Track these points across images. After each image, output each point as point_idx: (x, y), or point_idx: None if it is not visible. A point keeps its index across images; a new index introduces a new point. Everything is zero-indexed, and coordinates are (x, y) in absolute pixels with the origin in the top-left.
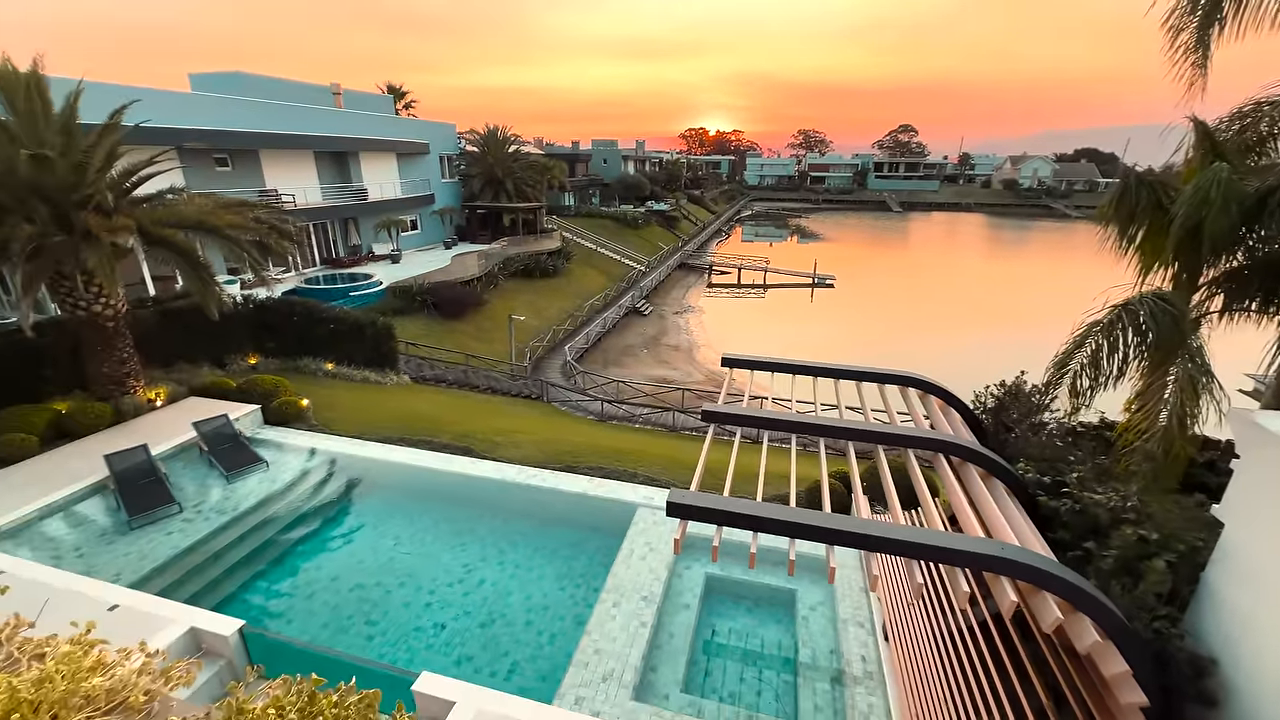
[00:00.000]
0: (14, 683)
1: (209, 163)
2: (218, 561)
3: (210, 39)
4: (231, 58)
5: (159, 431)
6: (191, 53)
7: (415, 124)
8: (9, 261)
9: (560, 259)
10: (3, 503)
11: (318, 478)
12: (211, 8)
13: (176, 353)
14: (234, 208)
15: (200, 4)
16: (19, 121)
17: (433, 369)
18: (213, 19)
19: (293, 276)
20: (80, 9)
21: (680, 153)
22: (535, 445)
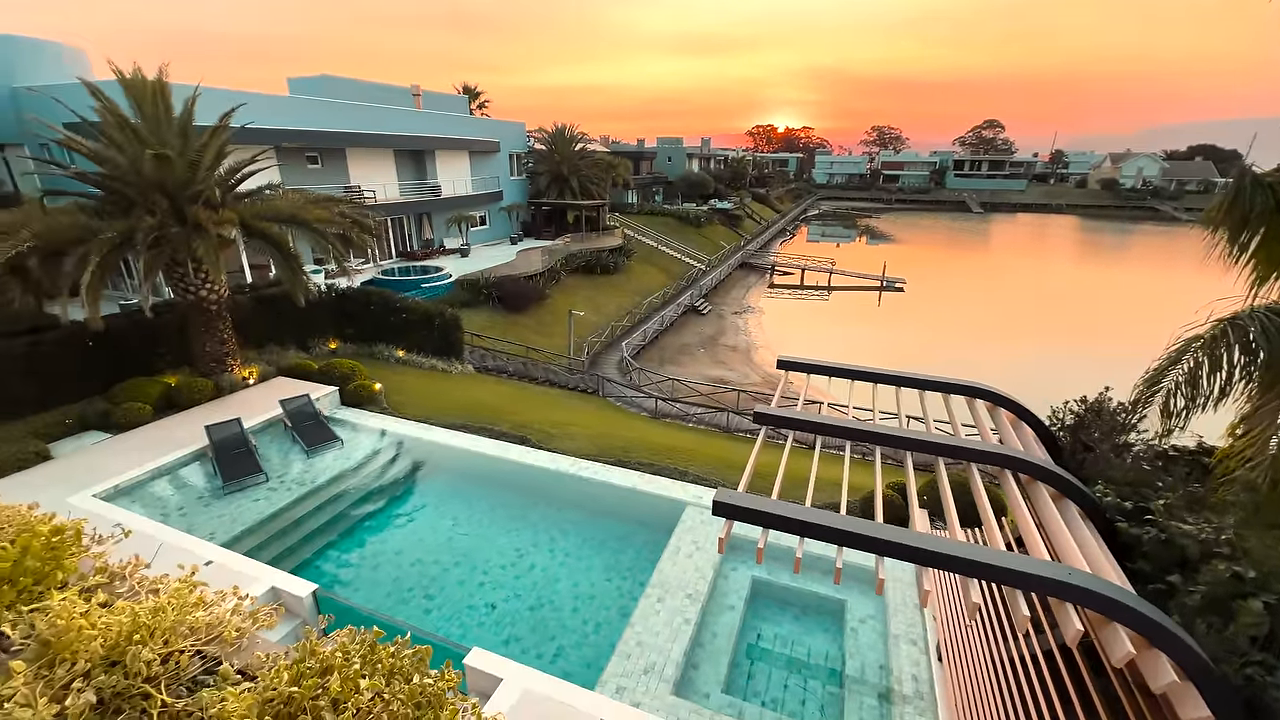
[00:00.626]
0: (136, 609)
1: (301, 160)
2: (296, 529)
3: (303, 45)
4: (324, 61)
5: (250, 407)
6: (288, 57)
7: (487, 123)
8: (134, 249)
9: (621, 256)
10: (122, 464)
11: (386, 458)
12: (305, 17)
13: (267, 335)
14: (322, 203)
15: (295, 14)
16: (145, 124)
17: (495, 360)
18: (306, 27)
19: (371, 268)
20: (194, 22)
21: (746, 150)
22: (589, 438)
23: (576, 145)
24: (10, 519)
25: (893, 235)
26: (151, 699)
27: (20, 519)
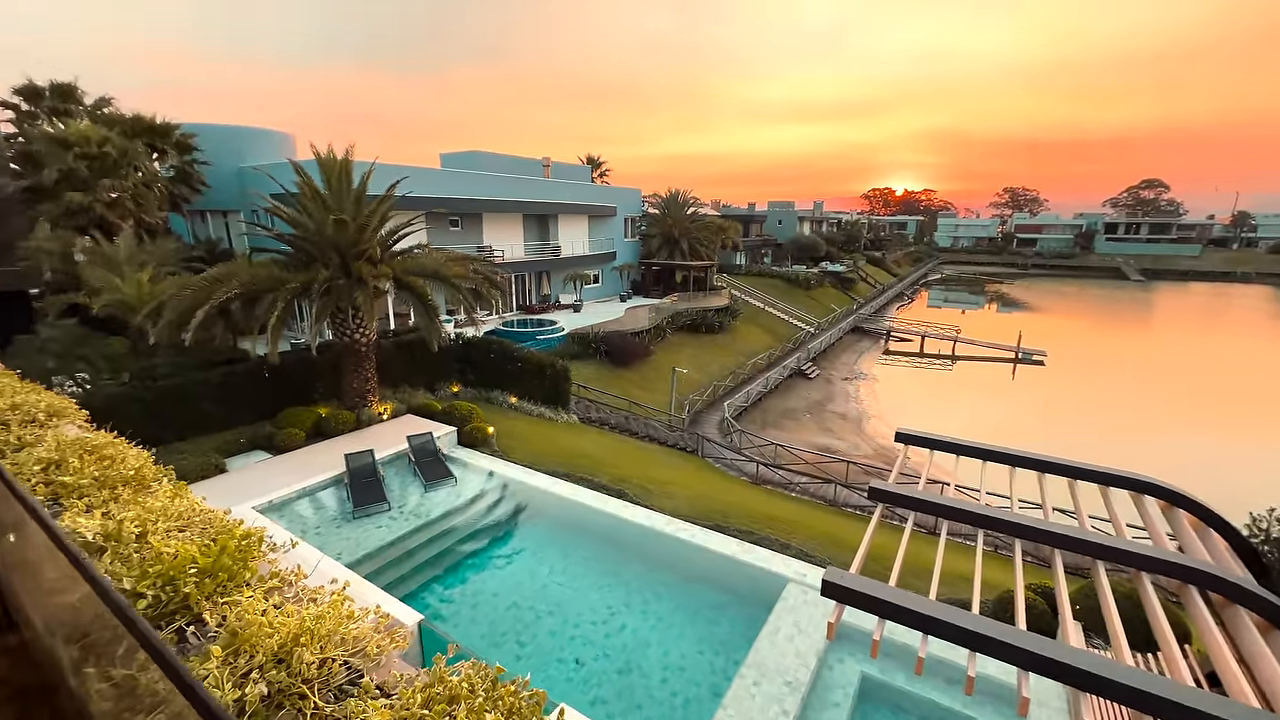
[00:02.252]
0: (302, 614)
1: (445, 223)
2: (409, 559)
3: (460, 123)
4: (474, 137)
5: (382, 440)
6: (446, 134)
7: (606, 190)
8: (309, 297)
9: (727, 316)
10: (277, 482)
11: (492, 499)
12: (462, 101)
13: (402, 377)
14: (459, 261)
15: (456, 98)
16: (331, 194)
17: (598, 411)
18: (463, 110)
19: (494, 319)
20: (378, 109)
21: (862, 213)
22: (686, 499)
23: (688, 209)
24: (211, 521)
25: (1028, 303)
26: (307, 699)
27: (219, 522)
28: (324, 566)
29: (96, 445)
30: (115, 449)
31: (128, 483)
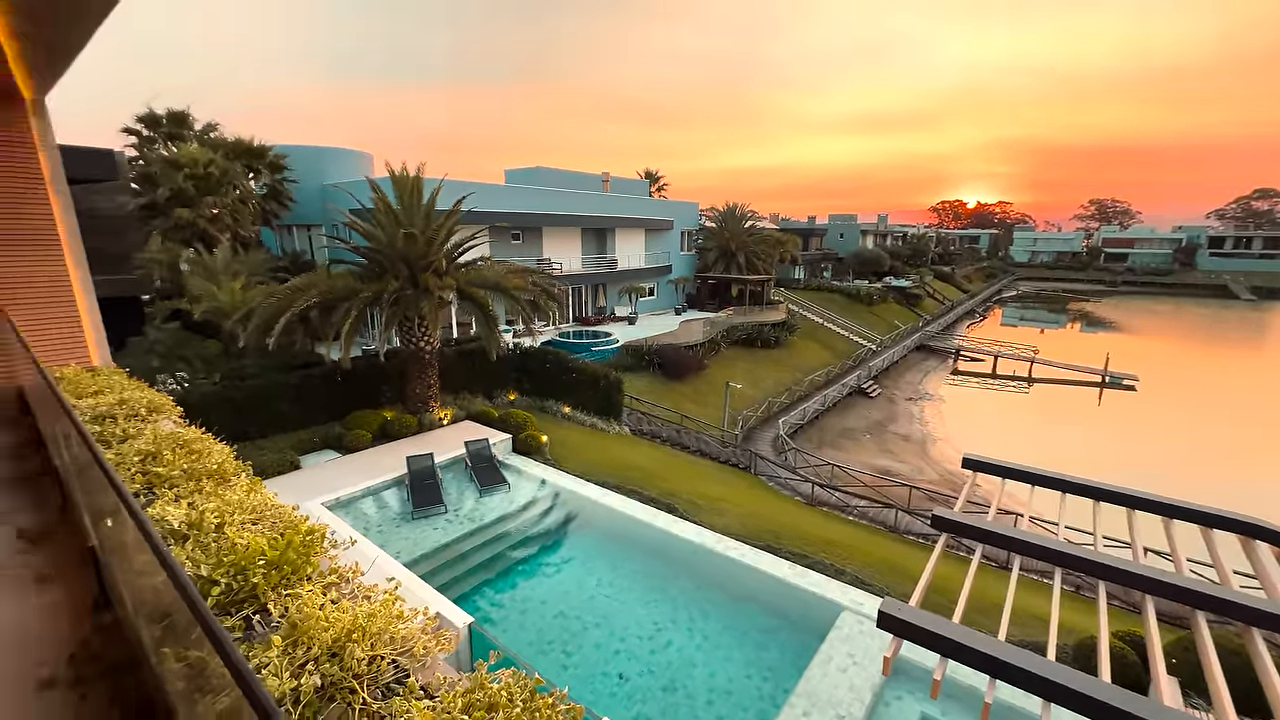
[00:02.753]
0: (356, 611)
1: (506, 237)
2: (462, 562)
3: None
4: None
5: (442, 444)
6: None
7: (664, 204)
8: (379, 306)
9: (783, 331)
10: (344, 480)
11: (543, 507)
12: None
13: (462, 384)
14: (519, 273)
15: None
16: (403, 210)
17: (650, 424)
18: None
19: (551, 330)
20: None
21: (929, 226)
22: (737, 517)
23: (745, 222)
24: (280, 516)
25: (1117, 322)
26: (356, 694)
27: (287, 517)
28: (382, 564)
29: (187, 440)
30: (203, 444)
31: (211, 476)
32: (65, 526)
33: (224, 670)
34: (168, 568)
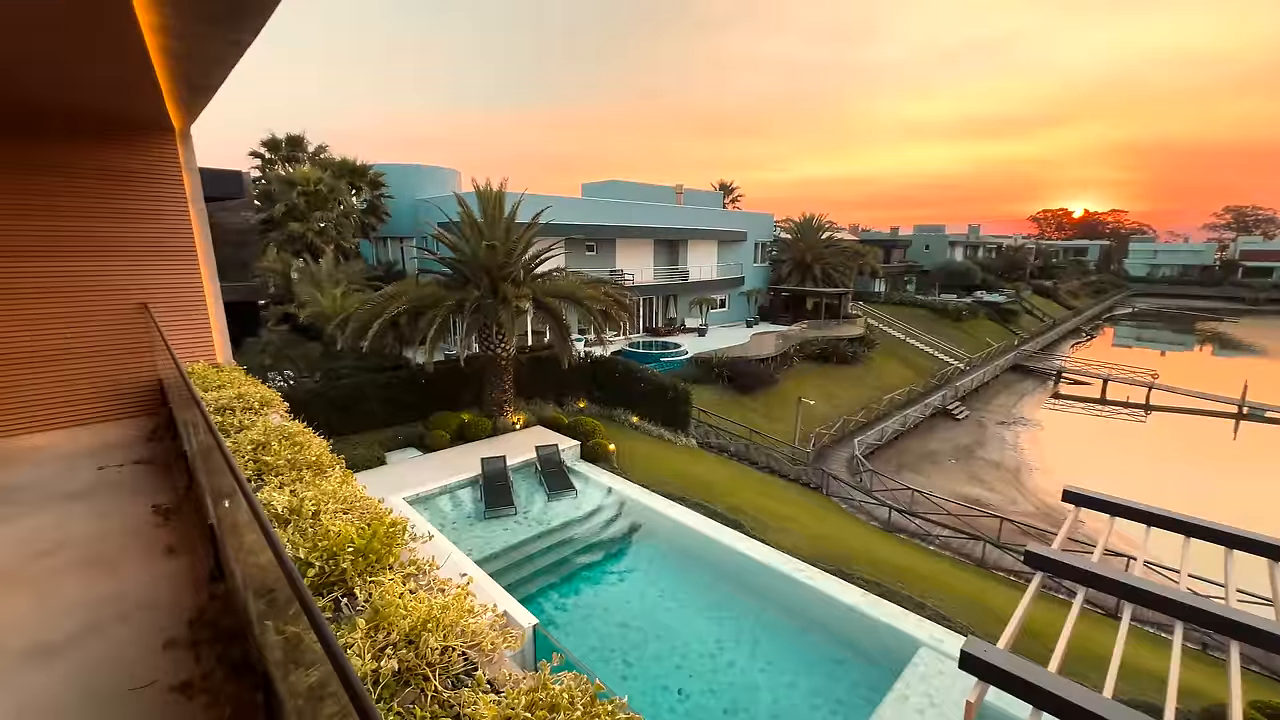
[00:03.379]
0: (431, 602)
1: (581, 248)
2: (529, 563)
3: (601, 156)
4: (615, 166)
5: (514, 448)
6: (588, 165)
7: (737, 215)
8: (461, 313)
9: (861, 346)
10: (424, 477)
11: (609, 515)
12: (603, 137)
13: (535, 390)
14: (592, 284)
15: (598, 136)
16: (485, 222)
17: (718, 437)
18: (606, 143)
19: (621, 340)
20: (535, 145)
21: (1028, 237)
22: (807, 538)
23: (823, 234)
24: (367, 507)
25: (1260, 346)
26: (429, 682)
27: (374, 509)
28: (455, 559)
29: (291, 433)
30: (304, 437)
31: (310, 467)
32: (190, 504)
33: (315, 647)
34: (274, 548)
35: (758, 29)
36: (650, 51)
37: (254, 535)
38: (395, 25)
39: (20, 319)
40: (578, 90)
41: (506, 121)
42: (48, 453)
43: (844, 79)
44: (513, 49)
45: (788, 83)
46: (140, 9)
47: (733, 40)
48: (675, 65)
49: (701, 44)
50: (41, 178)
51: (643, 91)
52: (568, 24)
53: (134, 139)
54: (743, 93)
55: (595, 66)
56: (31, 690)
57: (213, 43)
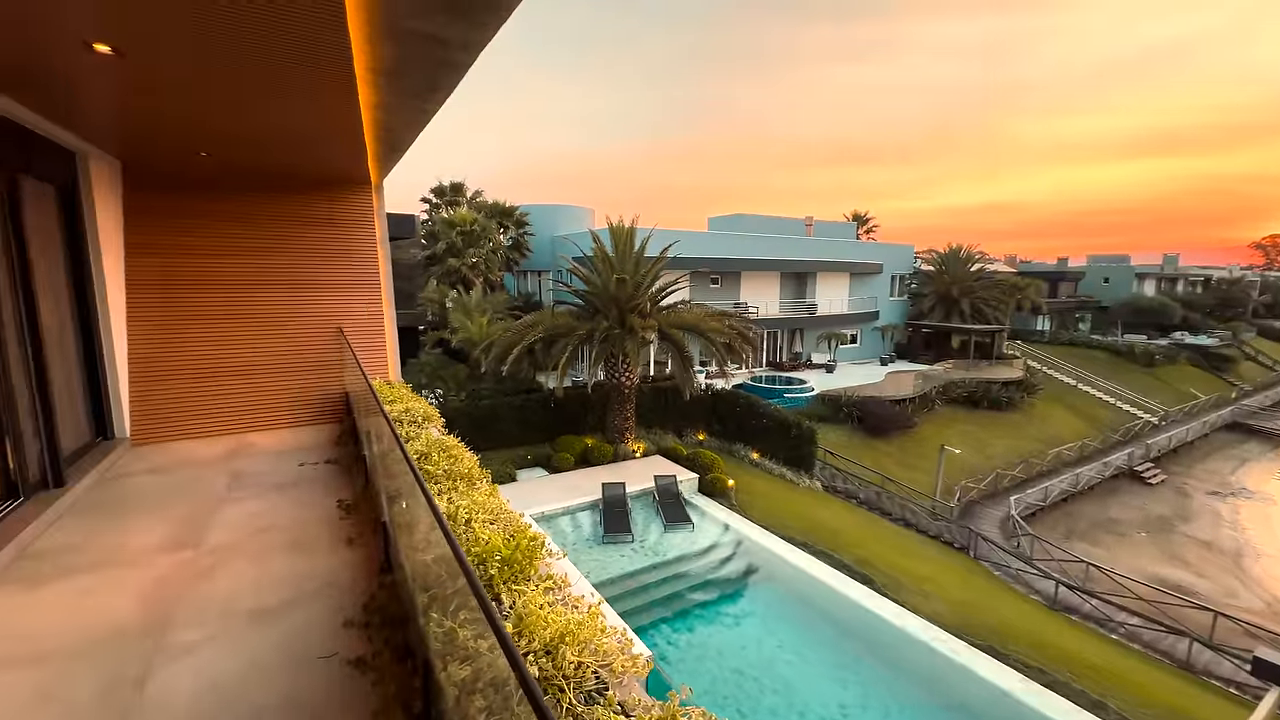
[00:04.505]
0: (568, 617)
1: (705, 281)
2: (643, 593)
3: (728, 189)
4: (742, 200)
5: (633, 475)
6: (716, 199)
7: (871, 247)
8: (590, 342)
9: (1020, 391)
10: (549, 497)
11: (725, 553)
12: (730, 170)
13: (655, 420)
14: (716, 316)
15: (725, 169)
16: (616, 257)
17: (845, 482)
18: (732, 177)
19: (743, 373)
20: (665, 179)
21: (1251, 268)
22: (949, 604)
23: (972, 265)
24: (510, 520)
25: None
26: (564, 694)
27: (516, 522)
28: (575, 579)
29: (448, 445)
30: (458, 450)
31: (463, 478)
32: (366, 502)
33: (468, 644)
34: (453, 548)
35: (893, 52)
36: (779, 84)
37: (419, 534)
38: (534, 76)
39: (250, 339)
40: (705, 124)
41: (639, 158)
42: (264, 449)
43: (990, 99)
44: (645, 87)
45: (927, 106)
46: (363, 89)
47: (865, 69)
48: (805, 96)
49: (832, 72)
50: (272, 225)
51: (771, 124)
52: (696, 63)
53: (341, 192)
54: (879, 119)
55: (724, 100)
56: (256, 648)
57: (410, 112)
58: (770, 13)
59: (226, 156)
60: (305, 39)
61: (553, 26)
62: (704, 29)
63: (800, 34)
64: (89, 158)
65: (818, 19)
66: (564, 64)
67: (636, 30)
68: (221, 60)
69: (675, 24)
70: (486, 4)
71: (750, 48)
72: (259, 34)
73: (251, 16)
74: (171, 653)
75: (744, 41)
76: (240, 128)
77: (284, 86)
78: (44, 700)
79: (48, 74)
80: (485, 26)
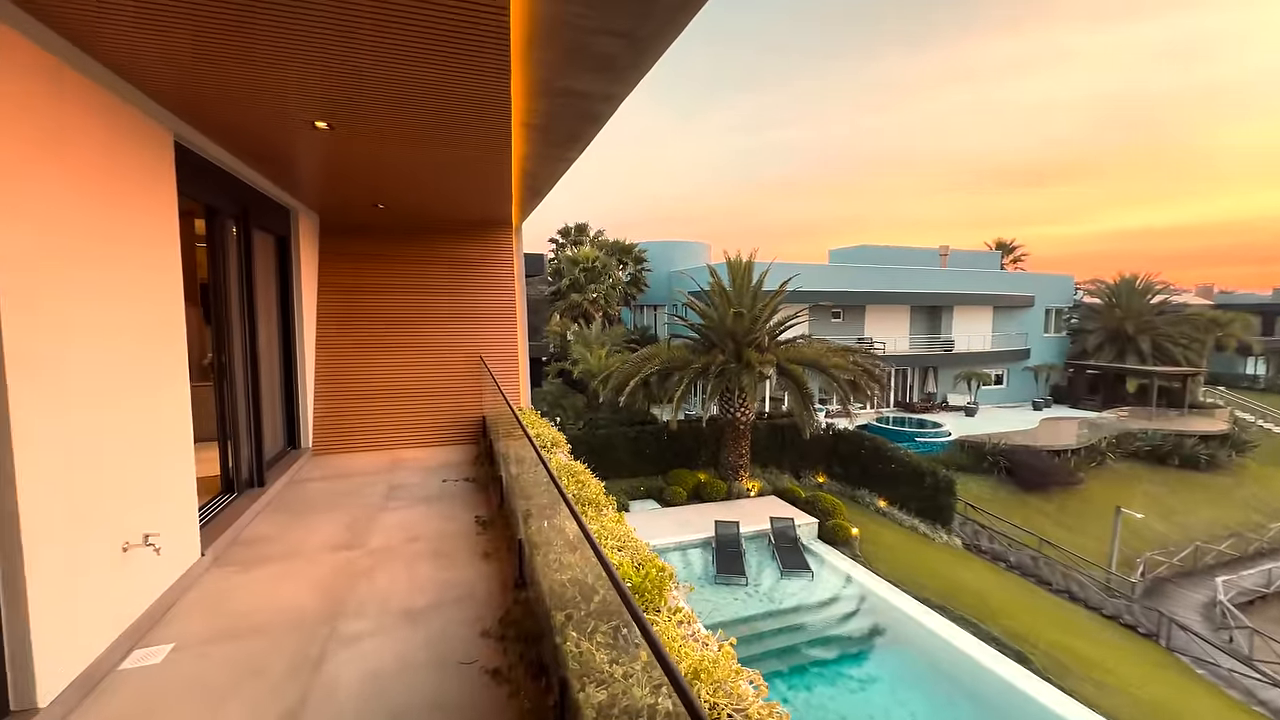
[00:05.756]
0: (702, 653)
1: (826, 315)
2: (757, 642)
3: (851, 220)
4: (865, 231)
5: (747, 515)
6: (838, 230)
7: (1019, 277)
8: (706, 376)
9: (1225, 448)
10: (660, 530)
11: (847, 608)
12: (853, 201)
13: (770, 458)
14: (839, 352)
15: (843, 198)
16: (733, 291)
17: (991, 541)
18: (856, 208)
19: (868, 413)
20: (777, 215)
21: None
22: (1132, 700)
23: (1152, 296)
24: (637, 548)
25: None
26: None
27: (643, 551)
28: None
29: (575, 471)
30: (585, 476)
31: (591, 503)
32: (501, 519)
33: (606, 668)
34: (607, 571)
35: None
36: (909, 110)
37: (553, 555)
38: (658, 119)
39: (406, 365)
40: (827, 157)
41: (756, 194)
42: (414, 464)
43: (1170, 108)
44: (768, 126)
45: (1084, 122)
46: (516, 143)
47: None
48: (934, 121)
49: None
50: (429, 265)
51: (900, 151)
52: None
53: (486, 235)
54: (1024, 140)
55: (849, 133)
56: (406, 646)
57: (552, 161)
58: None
59: (397, 207)
60: (474, 102)
61: (679, 72)
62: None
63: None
64: (299, 213)
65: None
66: (685, 106)
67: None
68: (404, 124)
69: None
70: (631, 61)
71: (876, 77)
72: (437, 101)
73: (434, 86)
74: (341, 640)
75: (869, 71)
76: (411, 182)
77: (451, 144)
78: (253, 673)
79: (280, 148)
80: (627, 81)
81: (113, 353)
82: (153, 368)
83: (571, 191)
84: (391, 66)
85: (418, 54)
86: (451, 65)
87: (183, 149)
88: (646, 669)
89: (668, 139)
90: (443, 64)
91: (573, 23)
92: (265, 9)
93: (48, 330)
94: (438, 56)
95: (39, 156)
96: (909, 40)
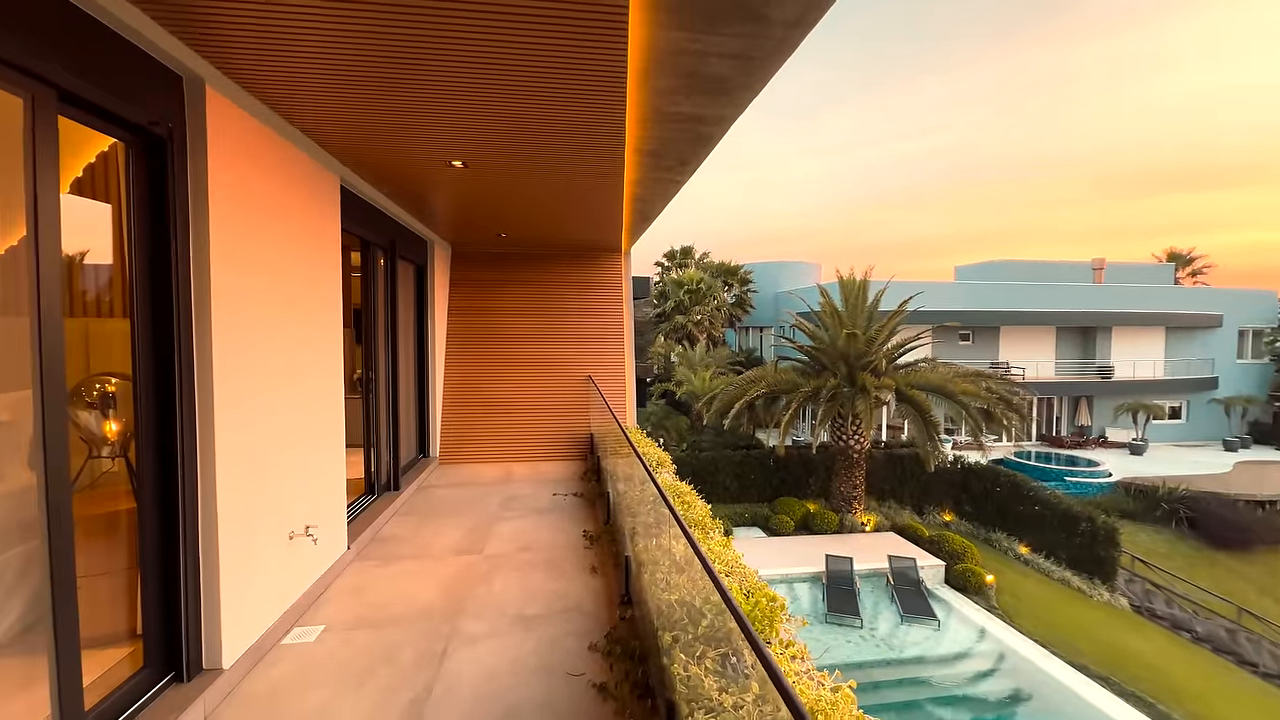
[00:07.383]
0: (819, 694)
1: (953, 337)
2: (873, 692)
3: (982, 235)
4: (1000, 245)
5: (861, 551)
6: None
7: (1201, 292)
8: (816, 401)
9: None
10: (766, 560)
11: (981, 666)
12: (982, 215)
13: (888, 491)
14: (969, 377)
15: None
16: (846, 311)
17: (1169, 605)
18: (986, 221)
19: (1004, 446)
20: (899, 232)
21: None
22: None
23: None
24: (745, 575)
25: None
26: None
27: (752, 578)
28: None
29: (681, 492)
30: (691, 497)
31: (697, 525)
32: (607, 535)
33: (714, 696)
34: (725, 598)
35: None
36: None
37: (660, 574)
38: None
39: (521, 383)
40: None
41: (872, 211)
42: (526, 477)
43: None
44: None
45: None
46: (628, 169)
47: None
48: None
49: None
50: (543, 289)
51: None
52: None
53: (597, 260)
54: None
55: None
56: (519, 650)
57: (662, 185)
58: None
59: (518, 236)
60: (591, 131)
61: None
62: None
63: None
64: (435, 244)
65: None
66: (798, 119)
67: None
68: (526, 157)
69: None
70: (743, 82)
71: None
72: (557, 133)
73: (555, 120)
74: (462, 639)
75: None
76: (530, 211)
77: (568, 173)
78: (386, 660)
79: (423, 186)
80: (739, 102)
81: (288, 359)
82: (318, 378)
83: (680, 215)
84: (518, 105)
85: (542, 91)
86: (572, 100)
87: (345, 191)
88: (758, 702)
89: (780, 155)
90: (564, 99)
91: (687, 48)
92: (416, 66)
93: (240, 345)
94: (560, 92)
95: (269, 225)
96: (1051, 36)
